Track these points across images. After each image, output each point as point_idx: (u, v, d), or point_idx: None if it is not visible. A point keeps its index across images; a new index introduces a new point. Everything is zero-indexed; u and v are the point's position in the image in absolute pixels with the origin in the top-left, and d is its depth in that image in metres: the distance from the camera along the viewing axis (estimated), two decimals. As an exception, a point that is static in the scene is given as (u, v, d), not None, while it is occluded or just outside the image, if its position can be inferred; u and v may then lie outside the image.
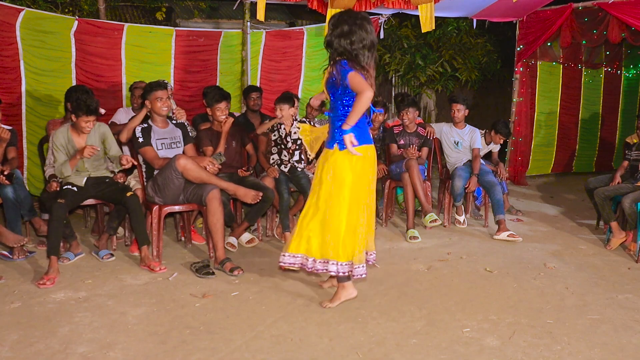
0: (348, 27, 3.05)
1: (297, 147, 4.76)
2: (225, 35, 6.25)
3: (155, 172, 4.06)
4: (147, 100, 4.08)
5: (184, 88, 5.98)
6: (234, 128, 4.65)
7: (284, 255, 3.25)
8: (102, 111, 4.54)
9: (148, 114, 4.16)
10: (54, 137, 3.96)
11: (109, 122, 4.93)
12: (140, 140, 4.02)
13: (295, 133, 4.73)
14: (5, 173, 3.96)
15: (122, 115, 5.03)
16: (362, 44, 3.06)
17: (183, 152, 4.17)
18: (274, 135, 4.82)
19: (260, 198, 3.97)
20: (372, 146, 3.22)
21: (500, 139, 5.55)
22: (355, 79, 3.00)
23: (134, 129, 4.06)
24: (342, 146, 3.08)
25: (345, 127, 3.04)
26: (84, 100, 3.94)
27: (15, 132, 4.36)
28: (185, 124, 4.36)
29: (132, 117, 4.25)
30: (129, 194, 3.92)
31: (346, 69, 3.03)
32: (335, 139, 3.15)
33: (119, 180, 4.13)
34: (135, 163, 4.04)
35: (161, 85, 4.08)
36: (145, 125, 4.09)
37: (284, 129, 4.73)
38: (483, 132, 5.56)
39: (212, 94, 4.60)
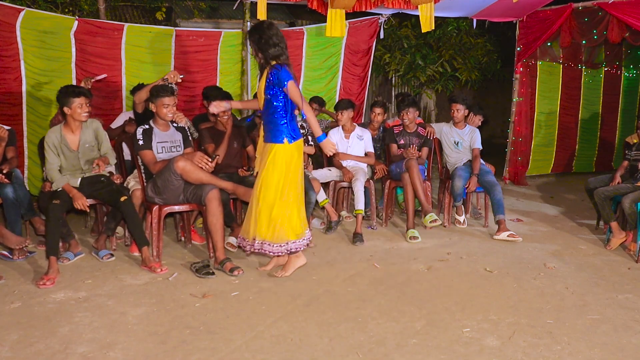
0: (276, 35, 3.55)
1: None
2: (225, 35, 6.25)
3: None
4: (153, 104, 4.06)
5: (184, 88, 5.98)
6: (235, 129, 4.65)
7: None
8: (102, 76, 4.93)
9: (152, 112, 4.17)
10: (46, 138, 3.92)
11: (107, 128, 4.94)
12: (141, 142, 4.01)
13: None
14: (5, 172, 3.96)
15: (121, 120, 5.03)
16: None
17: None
18: None
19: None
20: (299, 141, 3.67)
21: (479, 120, 5.59)
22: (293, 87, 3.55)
23: (136, 131, 4.06)
24: (291, 140, 3.60)
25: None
26: (69, 87, 3.95)
27: (14, 132, 4.36)
28: (187, 126, 4.36)
29: (146, 87, 4.38)
30: (122, 198, 3.86)
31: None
32: (283, 134, 3.60)
33: (116, 181, 4.12)
34: (102, 170, 4.01)
35: (168, 91, 4.06)
36: (147, 126, 4.09)
37: None
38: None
39: (214, 93, 4.63)
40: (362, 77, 6.95)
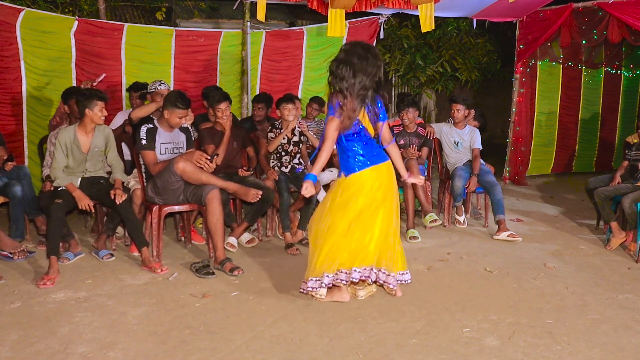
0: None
1: (298, 150, 4.75)
2: (225, 35, 6.25)
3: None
4: (167, 110, 4.00)
5: (184, 88, 5.98)
6: (235, 129, 4.65)
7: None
8: (102, 77, 4.92)
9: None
10: (59, 136, 3.90)
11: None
12: (144, 142, 4.00)
13: (295, 136, 4.72)
14: (5, 157, 3.98)
15: (119, 119, 5.03)
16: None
17: None
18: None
19: (260, 196, 3.96)
20: (357, 174, 3.24)
21: (475, 125, 5.54)
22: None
23: (140, 129, 4.04)
24: (347, 173, 3.28)
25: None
26: (93, 90, 3.99)
27: (0, 133, 4.46)
28: (190, 128, 4.36)
29: (147, 106, 4.34)
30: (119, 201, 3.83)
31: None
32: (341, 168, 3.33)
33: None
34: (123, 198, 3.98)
35: (185, 105, 3.99)
36: (151, 126, 4.05)
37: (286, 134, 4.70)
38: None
39: (213, 94, 4.63)
40: (362, 77, 6.94)
